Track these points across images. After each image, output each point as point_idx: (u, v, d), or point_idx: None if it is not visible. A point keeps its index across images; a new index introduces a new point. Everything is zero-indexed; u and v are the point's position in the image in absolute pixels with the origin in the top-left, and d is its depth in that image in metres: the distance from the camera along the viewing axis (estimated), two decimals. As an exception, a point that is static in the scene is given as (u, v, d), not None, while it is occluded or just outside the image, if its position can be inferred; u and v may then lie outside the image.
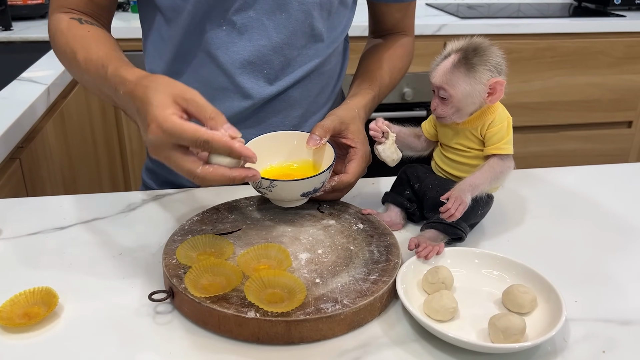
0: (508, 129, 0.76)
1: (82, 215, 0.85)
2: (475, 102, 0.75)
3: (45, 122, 1.37)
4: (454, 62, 0.73)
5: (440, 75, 0.74)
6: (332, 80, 1.00)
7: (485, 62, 0.73)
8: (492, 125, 0.75)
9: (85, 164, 1.67)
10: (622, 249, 0.80)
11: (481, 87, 0.73)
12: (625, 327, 0.65)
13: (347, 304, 0.63)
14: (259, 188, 0.77)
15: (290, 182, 0.75)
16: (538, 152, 2.40)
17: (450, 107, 0.75)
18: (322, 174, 0.75)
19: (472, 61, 0.73)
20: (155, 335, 0.63)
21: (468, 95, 0.74)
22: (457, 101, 0.74)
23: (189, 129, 0.63)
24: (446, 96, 0.75)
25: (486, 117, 0.76)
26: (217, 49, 0.87)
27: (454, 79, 0.73)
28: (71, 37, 0.83)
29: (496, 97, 0.74)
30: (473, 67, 0.73)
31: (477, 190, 0.74)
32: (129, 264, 0.74)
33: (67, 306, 0.66)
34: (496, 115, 0.76)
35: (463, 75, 0.73)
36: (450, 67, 0.73)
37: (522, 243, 0.81)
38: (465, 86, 0.73)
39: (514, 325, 0.60)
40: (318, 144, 0.79)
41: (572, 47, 2.23)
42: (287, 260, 0.68)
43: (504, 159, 0.76)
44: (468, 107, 0.75)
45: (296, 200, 0.79)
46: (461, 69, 0.73)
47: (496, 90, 0.73)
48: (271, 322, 0.60)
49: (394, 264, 0.70)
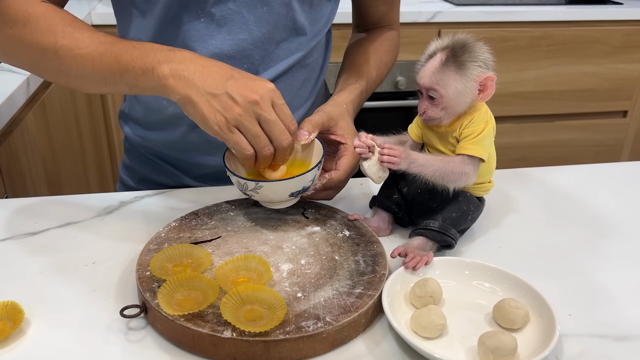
0: (484, 132, 0.71)
1: (56, 220, 0.81)
2: (466, 101, 0.71)
3: (25, 114, 1.33)
4: (442, 60, 0.69)
5: (429, 76, 0.70)
6: (315, 73, 0.96)
7: (475, 58, 0.69)
8: (468, 126, 0.72)
9: (70, 158, 1.62)
10: (619, 258, 0.77)
11: (472, 84, 0.69)
12: (621, 343, 0.62)
13: (329, 321, 0.59)
14: (244, 190, 0.73)
15: (277, 182, 0.71)
16: (533, 142, 2.37)
17: (441, 108, 0.71)
18: (310, 171, 0.72)
19: (462, 58, 0.69)
20: (127, 354, 0.59)
21: (460, 94, 0.70)
22: (448, 101, 0.70)
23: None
24: (437, 97, 0.71)
25: (464, 118, 0.72)
26: (195, 42, 0.83)
27: (444, 78, 0.69)
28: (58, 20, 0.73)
29: (487, 94, 0.70)
30: (463, 64, 0.69)
31: (415, 166, 0.70)
32: (102, 273, 0.71)
33: (34, 322, 0.63)
34: (475, 116, 0.72)
35: (454, 73, 0.69)
36: (438, 66, 0.70)
37: (514, 250, 0.77)
38: (457, 85, 0.69)
39: (505, 345, 0.56)
40: (307, 139, 0.76)
41: (568, 35, 2.19)
42: (268, 272, 0.65)
43: (465, 164, 0.71)
44: (459, 107, 0.71)
45: (285, 201, 0.75)
46: (451, 67, 0.69)
47: (487, 86, 0.70)
48: (249, 342, 0.57)
49: (380, 275, 0.66)
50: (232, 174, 0.73)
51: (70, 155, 1.63)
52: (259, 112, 0.66)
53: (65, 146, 1.58)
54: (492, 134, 0.73)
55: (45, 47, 0.73)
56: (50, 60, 0.74)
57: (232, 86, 0.66)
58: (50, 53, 0.73)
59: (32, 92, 1.37)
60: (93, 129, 1.88)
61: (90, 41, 0.71)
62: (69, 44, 0.72)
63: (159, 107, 0.90)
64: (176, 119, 0.90)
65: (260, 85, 0.67)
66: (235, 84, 0.67)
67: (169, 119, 0.90)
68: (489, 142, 0.72)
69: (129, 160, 1.01)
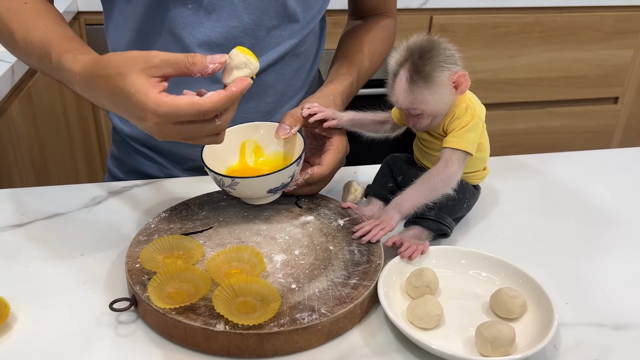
0: (469, 125, 0.70)
1: (42, 210, 0.79)
2: (447, 103, 0.70)
3: (10, 103, 1.30)
4: (408, 78, 0.67)
5: (403, 98, 0.68)
6: (308, 62, 0.94)
7: (437, 63, 0.67)
8: (452, 121, 0.71)
9: (57, 147, 1.59)
10: (614, 246, 0.76)
11: (446, 88, 0.68)
12: (618, 332, 0.62)
13: (324, 312, 0.58)
14: (222, 186, 0.71)
15: (254, 178, 0.70)
16: (524, 129, 2.36)
17: (427, 118, 0.70)
18: (287, 168, 0.70)
19: (425, 70, 0.67)
20: (117, 348, 0.58)
21: (439, 102, 0.69)
22: (430, 112, 0.70)
23: (185, 106, 0.58)
24: (417, 112, 0.70)
25: (446, 115, 0.71)
26: (182, 30, 0.80)
27: (418, 97, 0.68)
28: (5, 11, 0.73)
29: (463, 87, 0.69)
30: (429, 75, 0.67)
31: (404, 207, 0.69)
32: (90, 266, 0.69)
33: (20, 316, 0.61)
34: (457, 110, 0.71)
35: (424, 88, 0.67)
36: (406, 85, 0.67)
37: (509, 238, 0.76)
38: (432, 97, 0.68)
39: (503, 335, 0.56)
40: (288, 134, 0.74)
41: (560, 21, 2.17)
42: (261, 264, 0.63)
43: (447, 164, 0.69)
44: (443, 110, 0.70)
45: (264, 197, 0.73)
46: (419, 82, 0.67)
47: (460, 82, 0.68)
48: (242, 336, 0.55)
49: (375, 265, 0.65)
50: (209, 169, 0.71)
51: (58, 145, 1.60)
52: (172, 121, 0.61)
53: (52, 135, 1.56)
54: (479, 125, 0.71)
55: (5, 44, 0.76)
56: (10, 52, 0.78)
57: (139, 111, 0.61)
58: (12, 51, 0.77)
59: (17, 80, 1.34)
60: (81, 117, 1.84)
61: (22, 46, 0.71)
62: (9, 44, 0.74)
63: None
64: None
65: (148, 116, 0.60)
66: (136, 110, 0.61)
67: None
68: (475, 134, 0.71)
69: (117, 151, 0.99)
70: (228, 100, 0.60)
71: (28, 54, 0.71)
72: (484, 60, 2.14)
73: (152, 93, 0.58)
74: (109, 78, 0.60)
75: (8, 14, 0.72)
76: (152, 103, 0.57)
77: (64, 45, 0.67)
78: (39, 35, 0.69)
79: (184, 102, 0.58)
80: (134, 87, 0.58)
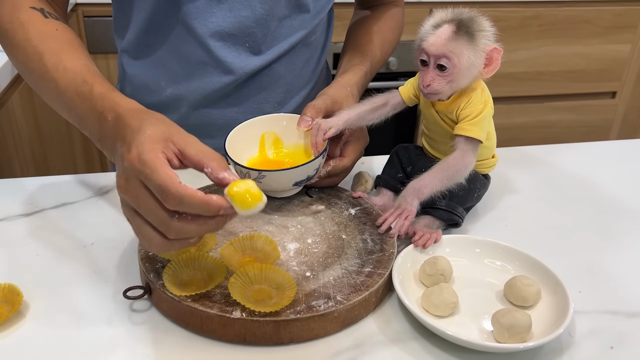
0: (483, 113, 0.69)
1: (50, 200, 0.79)
2: (473, 74, 0.68)
3: (10, 94, 1.29)
4: (454, 29, 0.66)
5: (443, 43, 0.66)
6: (317, 52, 0.93)
7: (484, 29, 0.67)
8: (466, 107, 0.69)
9: (57, 140, 1.58)
10: (624, 235, 0.76)
11: (481, 55, 0.67)
12: (633, 319, 0.62)
13: (340, 300, 0.58)
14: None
15: (281, 171, 0.69)
16: (522, 123, 2.37)
17: (448, 80, 0.68)
18: (315, 160, 0.70)
19: (472, 28, 0.66)
20: (130, 337, 0.57)
21: (470, 66, 0.67)
22: (458, 72, 0.67)
23: (163, 173, 0.50)
24: (448, 66, 0.67)
25: (461, 99, 0.70)
26: (194, 20, 0.80)
27: (458, 47, 0.66)
28: (35, 34, 0.70)
29: (492, 67, 0.68)
30: (474, 34, 0.66)
31: (423, 194, 0.69)
32: (101, 255, 0.68)
33: (33, 305, 0.61)
34: (472, 97, 0.69)
35: (466, 42, 0.66)
36: (450, 34, 0.66)
37: (519, 228, 0.77)
38: (469, 54, 0.66)
39: (520, 322, 0.56)
40: (310, 126, 0.73)
41: (559, 15, 2.18)
42: (275, 252, 0.63)
43: (464, 154, 0.69)
44: (464, 80, 0.69)
45: (288, 190, 0.73)
46: (463, 36, 0.66)
47: (493, 59, 0.67)
48: (259, 323, 0.55)
49: (389, 254, 0.65)
50: (234, 162, 0.70)
51: (57, 137, 1.59)
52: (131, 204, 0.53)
53: (52, 127, 1.54)
54: (490, 113, 0.71)
55: (20, 65, 0.72)
56: (26, 79, 0.73)
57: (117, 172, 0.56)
58: (25, 73, 0.72)
59: (17, 72, 1.33)
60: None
61: (52, 72, 0.67)
62: (37, 69, 0.69)
63: (156, 88, 0.87)
64: (175, 100, 0.86)
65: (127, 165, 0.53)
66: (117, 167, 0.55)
67: (168, 100, 0.87)
68: (488, 123, 0.71)
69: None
70: (201, 203, 0.50)
71: (54, 78, 0.67)
72: (483, 54, 2.14)
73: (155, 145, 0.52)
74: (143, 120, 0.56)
75: (38, 36, 0.70)
76: (146, 147, 0.52)
77: (105, 81, 0.66)
78: (75, 65, 0.67)
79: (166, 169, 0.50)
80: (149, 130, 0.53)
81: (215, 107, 0.87)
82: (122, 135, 0.56)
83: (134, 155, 0.51)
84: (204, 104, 0.87)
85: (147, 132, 0.53)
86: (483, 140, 0.70)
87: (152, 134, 0.53)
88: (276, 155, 0.78)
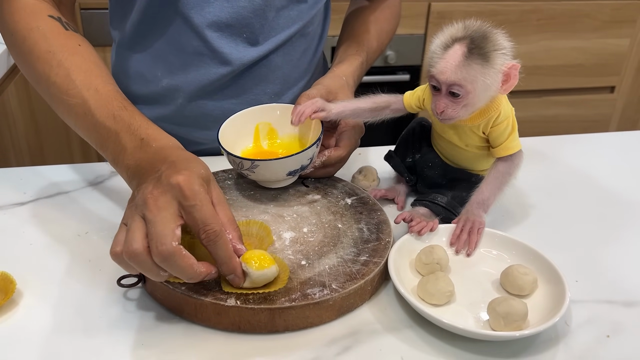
0: (514, 123, 0.67)
1: (44, 189, 0.78)
2: (490, 95, 0.64)
3: (5, 86, 1.28)
4: (465, 53, 0.61)
5: (454, 70, 0.61)
6: (314, 43, 0.93)
7: (499, 46, 0.62)
8: (497, 122, 0.66)
9: (53, 131, 1.57)
10: (622, 225, 0.76)
11: (497, 76, 0.62)
12: (629, 308, 0.62)
13: (336, 288, 0.57)
14: (240, 169, 0.70)
15: (274, 160, 0.69)
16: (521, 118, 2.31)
17: (463, 105, 0.64)
18: (308, 149, 0.69)
19: (486, 48, 0.61)
20: (124, 325, 0.57)
21: (486, 89, 0.63)
22: (473, 97, 0.63)
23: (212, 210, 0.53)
24: (461, 93, 0.63)
25: (491, 113, 0.65)
26: (191, 9, 0.79)
27: (470, 74, 0.61)
28: (59, 48, 0.68)
29: (510, 84, 0.63)
30: (488, 55, 0.61)
31: (488, 205, 0.67)
32: (95, 244, 0.68)
33: (26, 293, 0.60)
34: (501, 110, 0.66)
35: (480, 66, 0.61)
36: (462, 59, 0.61)
37: (516, 218, 0.76)
38: (484, 79, 0.61)
39: (516, 310, 0.55)
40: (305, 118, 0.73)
41: (558, 9, 2.17)
42: (269, 237, 0.63)
43: (512, 158, 0.68)
44: (481, 102, 0.64)
45: (283, 180, 0.73)
46: (476, 59, 0.61)
47: (511, 76, 0.63)
48: (253, 310, 0.55)
49: (385, 243, 0.64)
50: (227, 152, 0.70)
51: (53, 128, 1.58)
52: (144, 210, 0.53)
53: (48, 118, 1.54)
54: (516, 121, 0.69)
55: (39, 76, 0.69)
56: (42, 91, 0.70)
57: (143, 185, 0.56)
58: (43, 85, 0.69)
59: (12, 62, 1.32)
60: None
61: (80, 89, 0.65)
62: (61, 84, 0.66)
63: (152, 79, 0.86)
64: (172, 91, 0.86)
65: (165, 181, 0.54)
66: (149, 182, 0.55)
67: (164, 91, 0.86)
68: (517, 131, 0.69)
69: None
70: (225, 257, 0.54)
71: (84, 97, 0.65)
72: (482, 49, 2.13)
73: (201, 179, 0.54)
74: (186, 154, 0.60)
75: (63, 50, 0.68)
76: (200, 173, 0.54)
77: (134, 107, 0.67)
78: (108, 88, 0.67)
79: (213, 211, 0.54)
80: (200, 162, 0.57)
81: (212, 98, 0.86)
82: (169, 161, 0.57)
83: (182, 180, 0.53)
84: (200, 95, 0.86)
85: (201, 170, 0.55)
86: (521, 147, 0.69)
87: (204, 173, 0.55)
88: (270, 146, 0.78)
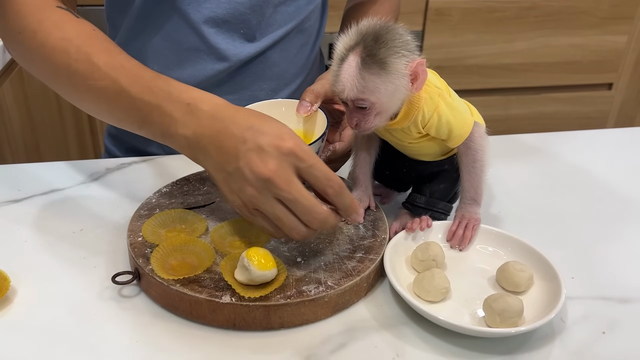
0: (446, 111, 0.62)
1: (39, 187, 0.78)
2: (400, 99, 0.60)
3: (1, 82, 1.28)
4: (359, 63, 0.57)
5: (351, 86, 0.58)
6: (312, 38, 0.92)
7: (394, 48, 0.57)
8: (424, 122, 0.62)
9: (49, 128, 1.57)
10: (618, 222, 0.76)
11: (402, 80, 0.58)
12: (625, 305, 0.62)
13: (331, 285, 0.57)
14: None
15: None
16: (519, 115, 2.36)
17: (375, 115, 0.60)
18: (313, 144, 0.69)
19: (380, 55, 0.57)
20: (120, 322, 0.57)
21: (392, 95, 0.58)
22: (381, 106, 0.59)
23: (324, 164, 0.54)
24: (367, 105, 0.59)
25: (412, 113, 0.61)
26: (188, 5, 0.79)
27: (369, 85, 0.57)
28: (75, 34, 0.64)
29: (420, 81, 0.59)
30: (384, 61, 0.57)
31: (478, 199, 0.66)
32: (90, 241, 0.68)
33: (20, 290, 0.60)
34: (422, 107, 0.61)
35: (377, 76, 0.57)
36: (356, 71, 0.57)
37: (513, 215, 0.76)
38: (385, 86, 0.57)
39: (512, 307, 0.55)
40: (309, 111, 0.72)
41: (556, 6, 2.17)
42: (265, 235, 0.62)
43: (469, 144, 0.64)
44: (394, 107, 0.60)
45: None
46: (371, 68, 0.57)
47: (418, 73, 0.58)
48: (248, 307, 0.55)
49: (380, 240, 0.64)
50: None
51: (50, 125, 1.58)
52: (275, 191, 0.53)
53: (44, 115, 1.53)
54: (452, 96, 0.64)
55: (57, 67, 0.64)
56: (63, 84, 0.65)
57: (244, 159, 0.54)
58: (64, 76, 0.64)
59: (8, 59, 1.31)
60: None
61: (107, 70, 0.61)
62: (84, 70, 0.62)
63: None
64: None
65: (275, 151, 0.53)
66: (247, 154, 0.54)
67: None
68: (460, 106, 0.64)
69: (116, 130, 0.97)
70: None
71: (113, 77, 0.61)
72: (479, 45, 2.13)
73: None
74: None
75: (79, 36, 0.64)
76: (297, 137, 0.54)
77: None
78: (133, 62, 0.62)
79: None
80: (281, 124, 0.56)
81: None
82: (246, 125, 0.55)
83: (293, 145, 0.53)
84: None
85: (285, 126, 0.55)
86: (480, 121, 0.66)
87: (287, 127, 0.55)
88: None
